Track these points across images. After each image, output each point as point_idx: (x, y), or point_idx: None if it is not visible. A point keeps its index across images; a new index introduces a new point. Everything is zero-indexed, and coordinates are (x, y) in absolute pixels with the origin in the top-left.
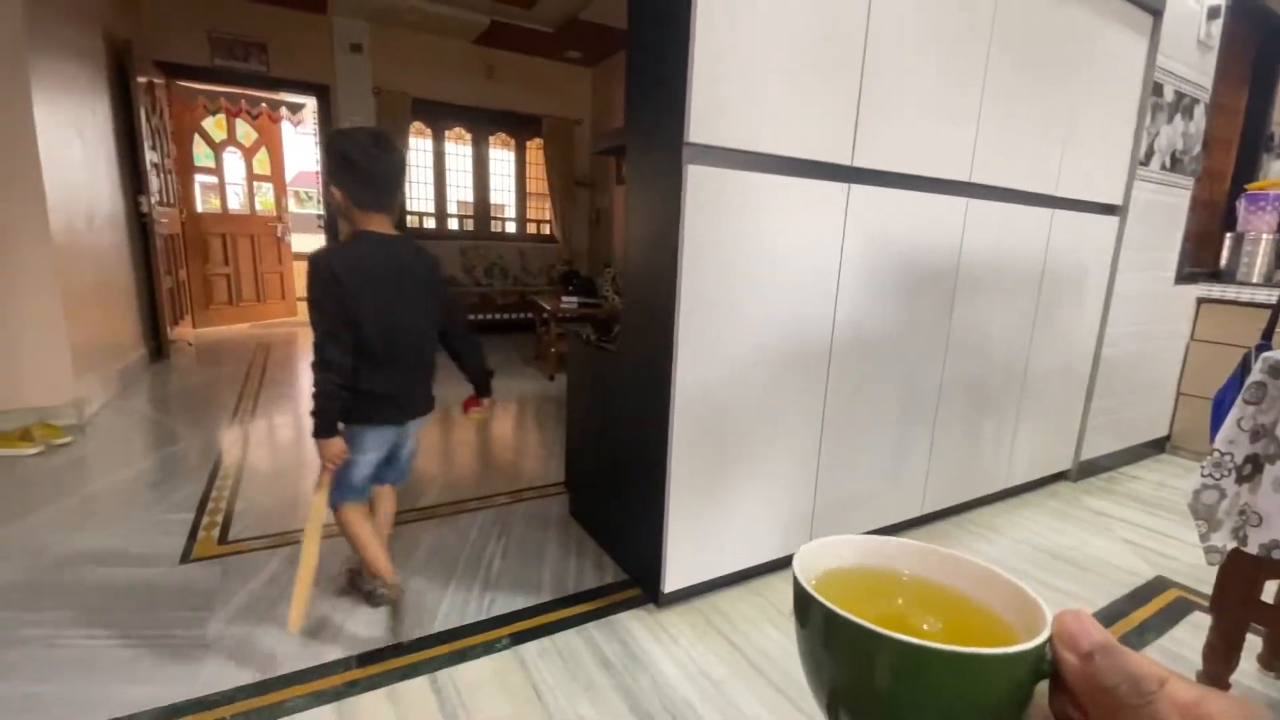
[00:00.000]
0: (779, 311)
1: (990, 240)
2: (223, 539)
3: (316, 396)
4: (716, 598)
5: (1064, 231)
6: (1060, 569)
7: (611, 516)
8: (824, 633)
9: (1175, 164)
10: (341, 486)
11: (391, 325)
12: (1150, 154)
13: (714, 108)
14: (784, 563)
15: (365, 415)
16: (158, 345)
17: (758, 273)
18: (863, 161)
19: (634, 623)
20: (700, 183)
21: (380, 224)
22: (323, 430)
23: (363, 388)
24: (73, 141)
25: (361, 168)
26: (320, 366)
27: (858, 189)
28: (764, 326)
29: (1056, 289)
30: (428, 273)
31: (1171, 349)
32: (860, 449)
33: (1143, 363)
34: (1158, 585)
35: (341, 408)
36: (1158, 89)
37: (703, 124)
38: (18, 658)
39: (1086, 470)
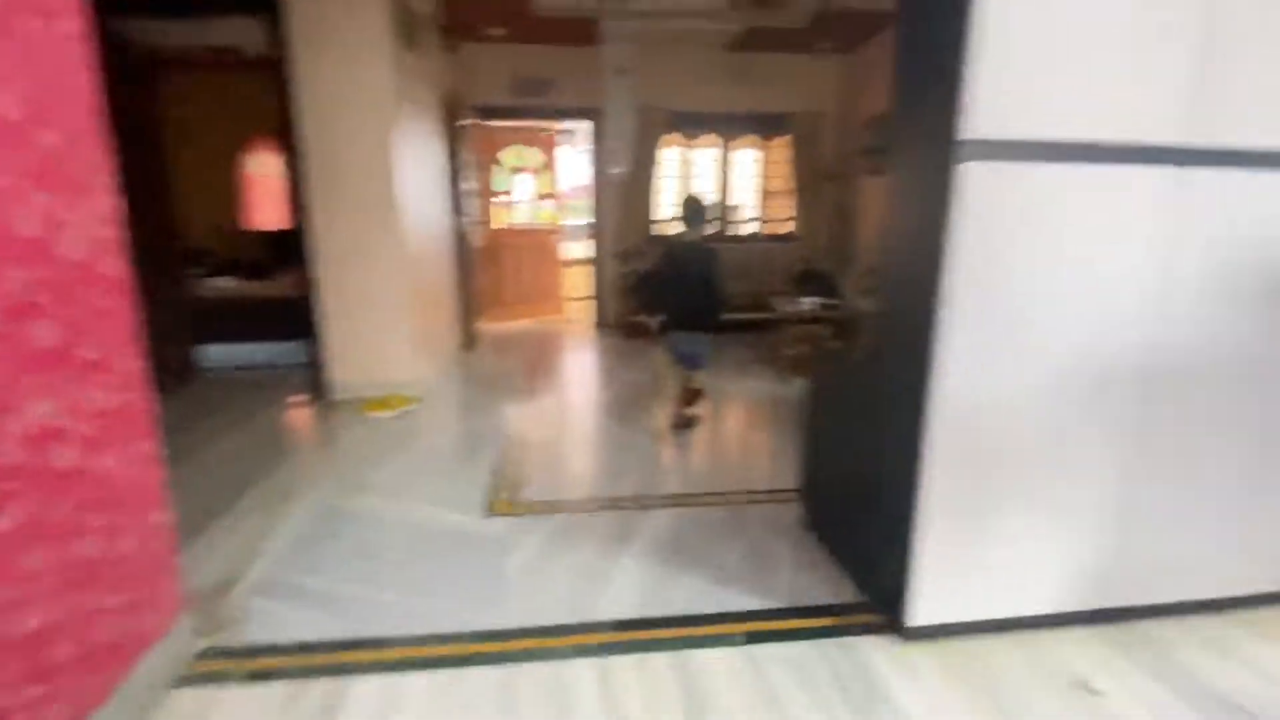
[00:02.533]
0: (1076, 327)
1: None
2: (513, 499)
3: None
4: (973, 643)
5: None
6: None
7: (849, 533)
8: None
9: None
10: (673, 357)
11: (679, 282)
12: None
13: (997, 95)
14: (1065, 619)
15: (673, 324)
16: (468, 337)
17: (1047, 283)
18: (1203, 138)
19: (875, 651)
20: (976, 181)
21: (688, 235)
22: (644, 309)
23: (672, 310)
24: (418, 174)
25: (682, 215)
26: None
27: (1195, 174)
28: (1055, 344)
29: None
30: (700, 258)
31: None
32: (1185, 498)
33: None
34: None
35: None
36: None
37: (983, 114)
38: (373, 568)
39: None
